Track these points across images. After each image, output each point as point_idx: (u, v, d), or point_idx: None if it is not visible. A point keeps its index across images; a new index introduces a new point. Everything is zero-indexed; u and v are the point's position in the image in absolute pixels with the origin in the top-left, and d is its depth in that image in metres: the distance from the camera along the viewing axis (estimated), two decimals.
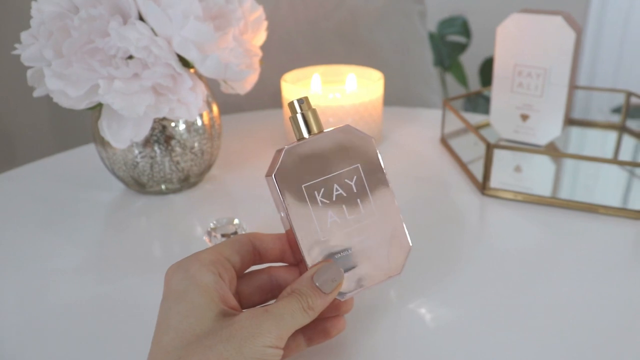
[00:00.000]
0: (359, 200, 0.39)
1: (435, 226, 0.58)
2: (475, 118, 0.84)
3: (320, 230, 0.38)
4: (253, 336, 0.31)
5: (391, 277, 0.39)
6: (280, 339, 0.33)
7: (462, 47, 1.82)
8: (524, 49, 0.69)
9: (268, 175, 0.38)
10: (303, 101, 0.39)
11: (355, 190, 0.39)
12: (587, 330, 0.43)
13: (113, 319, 0.46)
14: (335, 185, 0.38)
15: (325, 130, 0.39)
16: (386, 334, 0.43)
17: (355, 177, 0.39)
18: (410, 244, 0.40)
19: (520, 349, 0.41)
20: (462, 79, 1.82)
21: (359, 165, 0.39)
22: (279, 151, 0.38)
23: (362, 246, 0.39)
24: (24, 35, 0.55)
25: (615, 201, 0.60)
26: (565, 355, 0.40)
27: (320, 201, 0.38)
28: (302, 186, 0.37)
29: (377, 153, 0.40)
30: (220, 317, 0.33)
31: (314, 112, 0.39)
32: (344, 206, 0.38)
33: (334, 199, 0.38)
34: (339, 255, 0.38)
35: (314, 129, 0.39)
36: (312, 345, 0.40)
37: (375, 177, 0.39)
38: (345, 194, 0.38)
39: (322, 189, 0.38)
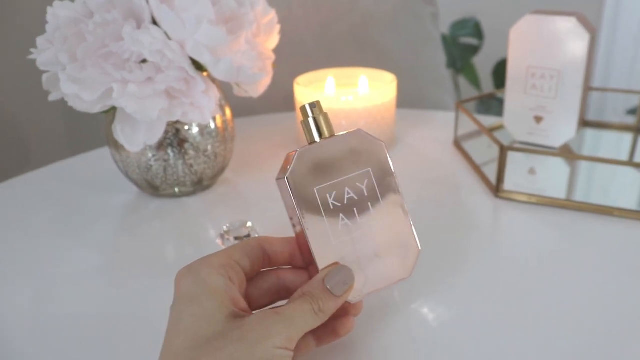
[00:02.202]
0: (369, 203, 0.39)
1: (449, 228, 0.58)
2: (488, 120, 0.84)
3: (332, 233, 0.38)
4: (264, 338, 0.32)
5: (400, 281, 0.40)
6: (290, 341, 0.33)
7: (474, 49, 1.81)
8: (537, 51, 0.68)
9: (280, 177, 0.38)
10: (315, 105, 0.39)
11: (366, 194, 0.39)
12: (600, 334, 0.42)
13: (126, 322, 0.46)
14: (347, 189, 0.38)
15: (336, 135, 0.39)
16: (397, 336, 0.43)
17: (366, 180, 0.39)
18: (419, 248, 0.40)
19: (534, 352, 0.41)
20: (475, 81, 1.81)
21: (370, 169, 0.39)
22: (290, 154, 0.38)
23: (372, 249, 0.39)
24: (39, 40, 0.56)
25: (630, 204, 0.60)
26: (579, 358, 0.40)
27: (332, 204, 0.38)
28: (315, 189, 0.38)
29: (388, 157, 0.40)
30: (231, 319, 0.33)
31: (325, 116, 0.40)
32: (355, 209, 0.39)
33: (345, 202, 0.38)
34: (350, 258, 0.38)
35: (326, 133, 0.39)
36: (322, 345, 0.40)
37: (386, 181, 0.39)
38: (356, 197, 0.39)
39: (334, 192, 0.38)
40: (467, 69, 1.81)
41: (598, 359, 0.40)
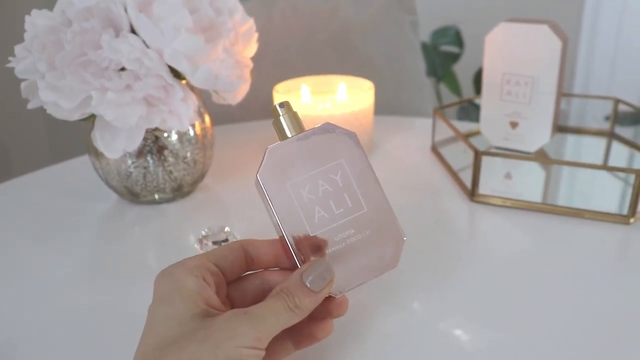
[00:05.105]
0: (345, 194, 0.39)
1: (424, 232, 0.58)
2: (466, 126, 0.85)
3: (309, 226, 0.38)
4: (229, 338, 0.31)
5: (386, 271, 0.39)
6: (259, 340, 0.32)
7: (455, 57, 1.83)
8: (512, 58, 0.70)
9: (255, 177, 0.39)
10: (284, 105, 0.40)
11: (341, 185, 0.39)
12: (573, 335, 0.43)
13: (107, 328, 0.46)
14: (320, 181, 0.39)
15: (306, 130, 0.40)
16: (374, 337, 0.43)
17: (340, 172, 0.39)
18: (404, 236, 0.39)
19: (507, 354, 0.42)
20: (455, 88, 1.83)
21: (342, 160, 0.39)
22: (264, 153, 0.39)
23: (353, 240, 0.38)
24: (18, 49, 0.56)
25: (602, 206, 0.61)
26: (554, 358, 0.41)
27: (307, 197, 0.38)
28: (287, 184, 0.38)
29: (360, 147, 0.40)
30: (202, 319, 0.33)
31: (295, 114, 0.40)
32: (330, 201, 0.39)
33: (320, 194, 0.38)
34: (330, 251, 0.38)
35: (296, 130, 0.40)
36: (300, 348, 0.39)
37: (360, 170, 0.39)
38: (331, 189, 0.39)
39: (308, 186, 0.38)
40: (448, 77, 1.83)
41: (574, 358, 0.41)
